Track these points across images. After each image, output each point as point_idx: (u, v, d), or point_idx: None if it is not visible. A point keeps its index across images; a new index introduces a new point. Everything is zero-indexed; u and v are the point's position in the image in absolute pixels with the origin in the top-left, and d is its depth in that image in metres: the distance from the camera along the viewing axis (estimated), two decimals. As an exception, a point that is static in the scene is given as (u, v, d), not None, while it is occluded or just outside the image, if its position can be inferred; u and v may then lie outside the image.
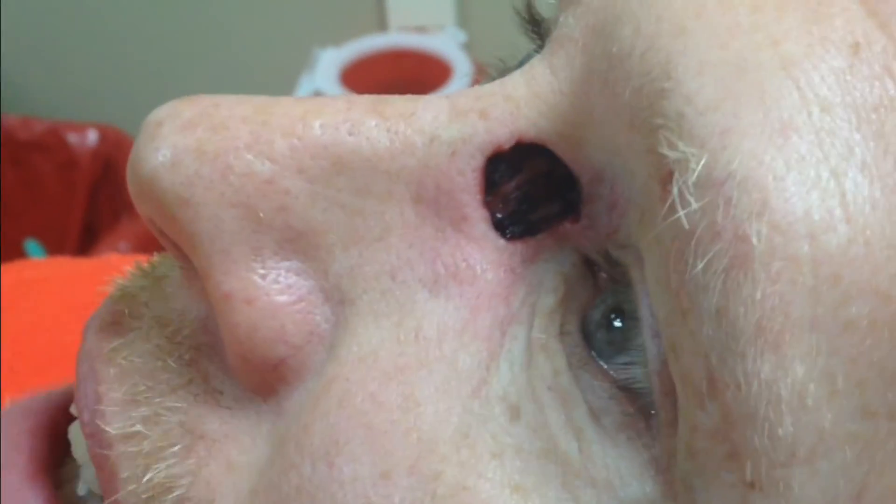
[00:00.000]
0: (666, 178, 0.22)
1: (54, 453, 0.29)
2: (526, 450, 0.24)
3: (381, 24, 1.72)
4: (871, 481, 0.21)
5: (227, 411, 0.26)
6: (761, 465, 0.21)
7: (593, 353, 0.24)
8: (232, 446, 0.26)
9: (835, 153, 0.21)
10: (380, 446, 0.24)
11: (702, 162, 0.21)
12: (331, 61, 1.61)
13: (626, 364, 0.24)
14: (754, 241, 0.21)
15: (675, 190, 0.22)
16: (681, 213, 0.22)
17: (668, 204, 0.22)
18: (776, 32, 0.23)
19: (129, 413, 0.27)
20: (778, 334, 0.21)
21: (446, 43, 1.63)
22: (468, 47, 1.63)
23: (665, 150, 0.22)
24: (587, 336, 0.25)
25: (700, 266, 0.21)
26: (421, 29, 1.68)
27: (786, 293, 0.21)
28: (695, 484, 0.22)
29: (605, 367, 0.24)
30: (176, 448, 0.26)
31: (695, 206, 0.21)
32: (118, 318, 0.28)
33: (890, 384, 0.21)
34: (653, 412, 0.24)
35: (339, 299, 0.26)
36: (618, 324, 0.24)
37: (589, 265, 0.25)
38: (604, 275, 0.25)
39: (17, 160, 1.52)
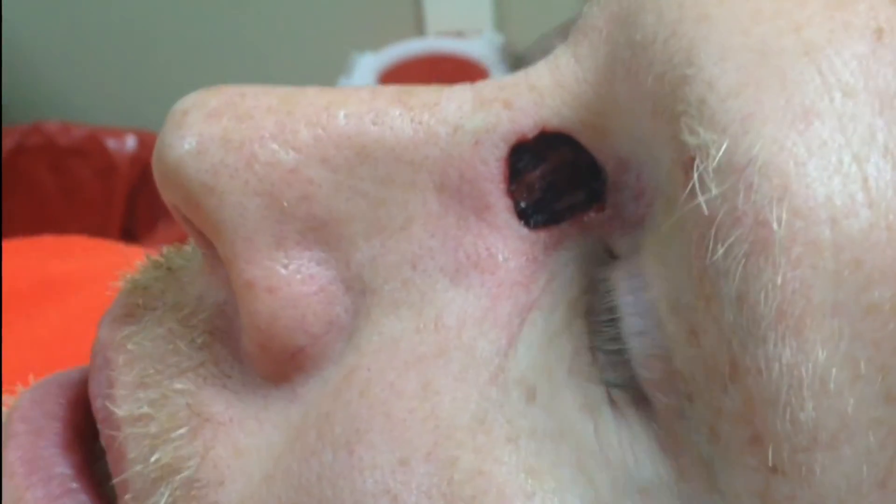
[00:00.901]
0: (687, 165, 0.22)
1: (91, 426, 0.29)
2: (541, 431, 0.24)
3: (419, 29, 1.72)
4: (895, 467, 0.21)
5: (234, 395, 0.27)
6: (783, 450, 0.21)
7: (616, 337, 0.24)
8: (238, 430, 0.26)
9: (857, 138, 0.21)
10: (398, 434, 0.24)
11: (723, 147, 0.21)
12: (369, 66, 1.62)
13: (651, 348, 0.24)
14: (775, 226, 0.21)
15: (695, 176, 0.22)
16: (701, 198, 0.22)
17: (688, 189, 0.22)
18: (798, 18, 0.23)
19: (138, 395, 0.27)
20: (799, 319, 0.21)
21: (484, 47, 1.63)
22: (506, 51, 1.63)
23: (686, 137, 0.22)
24: (613, 322, 0.25)
25: (721, 251, 0.21)
26: (459, 33, 1.68)
27: (807, 278, 0.21)
28: (717, 467, 0.23)
29: (625, 351, 0.24)
30: (182, 430, 0.26)
31: (715, 191, 0.21)
32: (131, 310, 0.29)
33: None
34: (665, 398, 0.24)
35: (360, 289, 0.26)
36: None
37: (613, 255, 0.25)
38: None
39: (57, 166, 1.53)
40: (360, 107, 0.26)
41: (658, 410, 0.24)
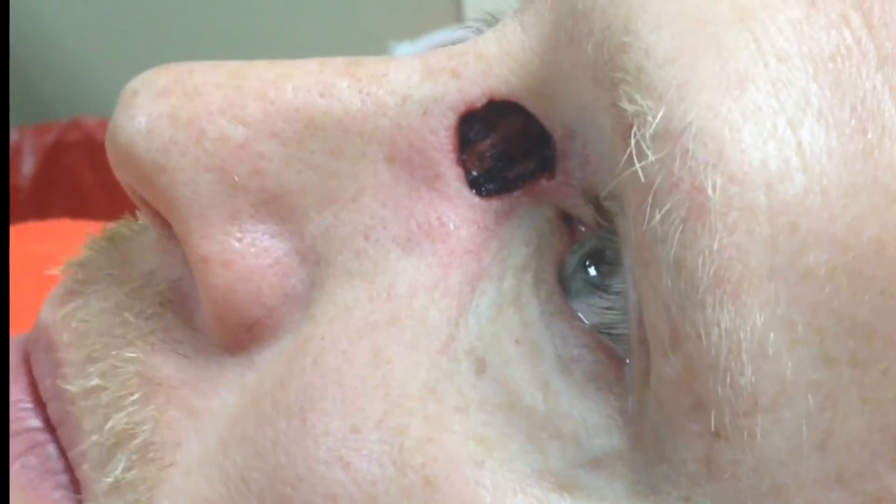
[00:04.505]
0: (626, 132, 0.22)
1: None
2: (491, 403, 0.24)
3: (458, 17, 1.72)
4: (835, 428, 0.21)
5: (185, 359, 0.27)
6: (725, 415, 0.22)
7: (569, 301, 0.24)
8: (190, 392, 0.26)
9: (791, 103, 0.21)
10: (350, 402, 0.24)
11: (659, 115, 0.22)
12: (406, 55, 1.61)
13: (605, 309, 0.24)
14: (710, 191, 0.21)
15: (633, 143, 0.22)
16: (638, 165, 0.22)
17: (626, 156, 0.22)
18: None
19: (88, 370, 0.27)
20: (736, 284, 0.21)
21: (521, 33, 1.62)
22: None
23: (625, 104, 0.22)
24: (564, 282, 0.25)
25: (658, 217, 0.21)
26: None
27: (743, 243, 0.21)
28: (663, 434, 0.23)
29: (581, 312, 0.24)
30: (135, 396, 0.26)
31: (652, 158, 0.21)
32: (72, 287, 0.29)
33: (850, 331, 0.21)
34: (627, 361, 0.24)
35: (314, 260, 0.26)
36: (592, 272, 0.25)
37: (565, 219, 0.25)
38: (582, 228, 0.25)
39: (96, 161, 1.54)
40: (307, 79, 0.26)
41: (623, 376, 0.24)
